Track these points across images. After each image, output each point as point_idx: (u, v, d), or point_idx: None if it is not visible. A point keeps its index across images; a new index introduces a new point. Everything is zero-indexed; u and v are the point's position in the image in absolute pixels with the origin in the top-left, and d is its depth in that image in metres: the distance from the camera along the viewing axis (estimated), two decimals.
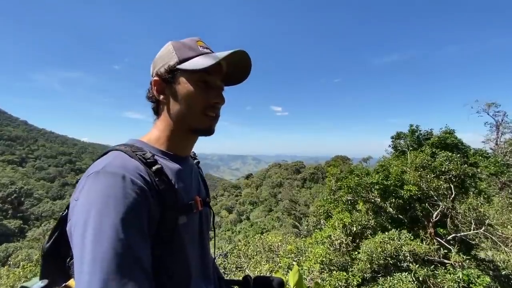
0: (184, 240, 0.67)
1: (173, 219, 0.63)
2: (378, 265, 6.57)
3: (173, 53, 0.71)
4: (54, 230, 0.66)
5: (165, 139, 0.74)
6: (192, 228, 0.73)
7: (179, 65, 0.70)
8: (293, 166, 56.62)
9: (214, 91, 0.72)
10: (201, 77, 0.70)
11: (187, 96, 0.70)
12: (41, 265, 0.67)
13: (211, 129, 0.74)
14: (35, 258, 10.88)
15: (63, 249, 0.63)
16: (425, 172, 8.13)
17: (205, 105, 0.71)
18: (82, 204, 0.52)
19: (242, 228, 37.43)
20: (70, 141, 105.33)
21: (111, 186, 0.53)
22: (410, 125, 11.25)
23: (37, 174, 67.41)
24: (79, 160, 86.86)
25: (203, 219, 0.79)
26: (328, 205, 10.38)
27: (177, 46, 0.73)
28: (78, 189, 0.57)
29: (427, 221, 8.12)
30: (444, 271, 6.20)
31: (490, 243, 7.16)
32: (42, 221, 47.07)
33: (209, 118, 0.72)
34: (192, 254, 0.71)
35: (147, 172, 0.60)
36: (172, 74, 0.71)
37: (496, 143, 14.63)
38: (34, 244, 33.91)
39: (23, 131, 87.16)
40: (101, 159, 0.61)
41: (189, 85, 0.69)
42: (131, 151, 0.63)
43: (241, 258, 8.47)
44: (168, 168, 0.68)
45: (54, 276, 0.63)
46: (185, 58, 0.70)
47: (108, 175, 0.54)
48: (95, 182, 0.54)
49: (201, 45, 0.74)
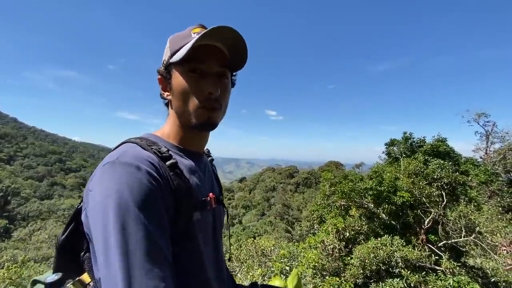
0: (198, 238, 0.65)
1: (187, 215, 0.62)
2: (370, 270, 6.59)
3: (168, 47, 0.70)
4: (70, 223, 0.64)
5: (175, 134, 0.73)
6: (206, 225, 0.70)
7: (171, 59, 0.68)
8: (287, 170, 56.68)
9: (207, 80, 0.66)
10: (190, 67, 0.65)
11: (181, 90, 0.66)
12: (55, 258, 0.66)
13: (209, 122, 0.68)
14: (20, 259, 10.56)
15: (78, 242, 0.61)
16: (417, 179, 8.25)
17: (200, 98, 0.66)
18: (98, 195, 0.51)
19: (234, 232, 37.14)
20: (61, 140, 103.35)
21: (127, 176, 0.51)
22: (403, 132, 11.45)
23: (25, 173, 65.77)
24: (70, 160, 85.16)
25: (216, 217, 0.76)
26: (321, 210, 10.41)
27: (172, 39, 0.70)
28: (93, 179, 0.55)
29: (419, 227, 8.20)
30: (435, 277, 6.26)
31: (480, 250, 7.26)
32: (29, 221, 45.78)
33: (206, 111, 0.67)
34: (207, 254, 0.69)
35: (161, 166, 0.58)
36: (167, 70, 0.69)
37: (486, 153, 14.96)
38: (19, 245, 32.95)
39: (12, 128, 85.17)
40: (116, 150, 0.60)
41: (181, 77, 0.66)
42: (146, 144, 0.62)
43: (233, 262, 8.38)
44: (183, 163, 0.67)
45: (68, 270, 0.61)
46: (176, 50, 0.67)
47: (123, 165, 0.53)
48: (110, 172, 0.53)
49: (196, 32, 0.68)
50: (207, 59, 0.66)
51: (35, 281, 0.64)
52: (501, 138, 14.53)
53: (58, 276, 0.56)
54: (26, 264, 8.27)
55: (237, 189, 58.40)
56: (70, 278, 0.59)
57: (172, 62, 0.67)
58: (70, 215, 0.64)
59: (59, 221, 43.78)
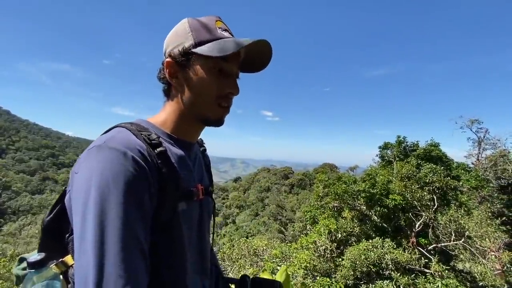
0: (182, 228, 0.64)
1: (172, 204, 0.61)
2: (361, 272, 6.64)
3: (189, 34, 0.65)
4: (56, 204, 0.63)
5: (171, 123, 0.71)
6: (192, 216, 0.69)
7: (195, 49, 0.63)
8: (282, 171, 56.76)
9: (229, 80, 0.67)
10: (217, 64, 0.64)
11: (201, 84, 0.65)
12: (40, 239, 0.65)
13: (221, 120, 0.70)
14: (9, 253, 10.40)
15: (63, 224, 0.61)
16: (410, 183, 8.34)
17: (219, 95, 0.66)
18: (81, 178, 0.51)
19: (227, 232, 37.08)
20: (54, 134, 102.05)
21: (112, 162, 0.51)
22: (397, 136, 11.55)
23: (17, 167, 64.77)
24: (63, 154, 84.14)
25: (203, 208, 0.75)
26: (314, 211, 10.45)
27: (194, 25, 0.66)
28: (79, 162, 0.55)
29: (410, 230, 8.30)
30: (424, 280, 6.33)
31: (469, 254, 7.37)
32: (19, 216, 45.16)
33: (221, 109, 0.68)
34: (190, 246, 0.68)
35: (149, 153, 0.58)
36: (186, 58, 0.65)
37: (478, 159, 15.16)
38: (9, 239, 32.45)
39: (4, 121, 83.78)
40: (105, 134, 0.59)
41: (204, 71, 0.64)
42: (137, 130, 0.61)
43: (225, 261, 8.37)
44: (172, 152, 0.66)
45: (52, 251, 0.60)
46: (202, 41, 0.64)
47: (110, 150, 0.52)
48: (96, 156, 0.52)
49: (219, 26, 0.67)
50: (230, 59, 0.66)
51: (22, 258, 0.65)
52: (493, 145, 14.73)
53: (40, 256, 0.56)
54: (15, 259, 8.15)
55: (232, 188, 58.28)
56: (54, 259, 0.58)
57: (198, 53, 0.63)
58: (57, 197, 0.63)
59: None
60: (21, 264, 0.65)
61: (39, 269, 0.55)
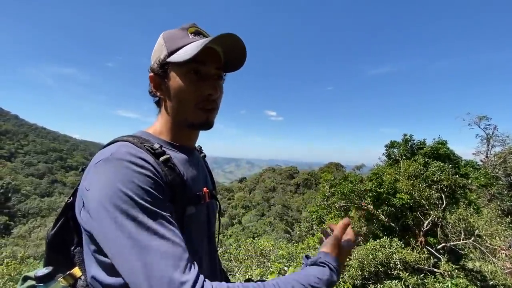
0: (192, 231, 0.66)
1: (181, 209, 0.63)
2: (369, 272, 6.58)
3: (163, 45, 0.68)
4: (59, 218, 0.64)
5: (166, 132, 0.73)
6: (200, 219, 0.72)
7: (168, 58, 0.66)
8: (287, 171, 56.62)
9: (207, 82, 0.68)
10: (192, 68, 0.66)
11: (179, 91, 0.66)
12: (45, 253, 0.66)
13: (208, 122, 0.71)
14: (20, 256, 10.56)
15: (68, 237, 0.62)
16: (417, 181, 8.24)
17: (199, 99, 0.67)
18: (95, 193, 0.52)
19: (234, 232, 37.12)
20: (62, 138, 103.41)
21: (122, 171, 0.52)
22: (403, 134, 11.42)
23: (26, 170, 65.83)
24: (70, 158, 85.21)
25: (210, 211, 0.78)
26: (321, 211, 10.41)
27: (167, 36, 0.69)
28: (88, 177, 0.56)
29: (418, 229, 8.20)
30: (433, 279, 6.25)
31: (479, 253, 7.25)
32: (29, 218, 45.88)
33: (204, 112, 0.69)
34: (200, 247, 0.71)
35: (155, 162, 0.59)
36: (163, 69, 0.68)
37: (487, 156, 14.91)
38: (19, 242, 33.00)
39: (13, 125, 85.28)
40: (108, 148, 0.60)
41: (180, 78, 0.66)
42: (139, 142, 0.62)
43: (232, 262, 8.38)
44: (176, 158, 0.68)
45: (59, 264, 0.62)
46: (174, 50, 0.66)
47: (118, 161, 0.54)
48: (105, 169, 0.53)
49: (192, 32, 0.69)
50: (206, 61, 0.66)
51: (26, 277, 0.64)
52: (502, 142, 14.49)
53: (48, 270, 0.57)
54: (25, 261, 8.30)
55: (237, 189, 58.32)
56: (60, 272, 0.59)
57: (171, 61, 0.66)
58: (60, 210, 0.64)
59: None
60: (25, 283, 0.65)
61: (47, 283, 0.55)
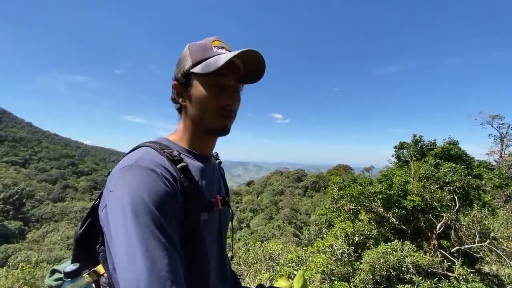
0: (204, 237, 0.70)
1: (195, 215, 0.67)
2: (380, 276, 6.46)
3: (188, 57, 0.74)
4: (87, 218, 0.70)
5: (186, 139, 0.78)
6: (213, 226, 0.75)
7: (192, 69, 0.72)
8: (295, 174, 56.34)
9: (226, 92, 0.73)
10: (214, 80, 0.71)
11: (201, 100, 0.72)
12: (73, 250, 0.72)
13: (225, 129, 0.76)
14: (34, 260, 10.81)
15: (94, 236, 0.67)
16: (428, 183, 8.07)
17: (218, 108, 0.73)
18: (118, 195, 0.56)
19: (242, 236, 37.05)
20: (73, 144, 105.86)
21: (145, 179, 0.57)
22: (413, 135, 11.23)
23: (39, 176, 67.54)
24: (82, 163, 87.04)
25: (222, 218, 0.82)
26: (330, 214, 10.30)
27: (193, 48, 0.74)
28: (112, 180, 0.60)
29: (430, 232, 8.01)
30: (447, 284, 6.08)
31: (495, 256, 7.03)
32: (42, 223, 46.90)
33: (223, 119, 0.74)
34: (212, 253, 0.74)
35: (173, 168, 0.64)
36: (187, 78, 0.73)
37: (501, 156, 14.52)
38: (33, 246, 33.76)
39: (27, 132, 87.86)
40: (133, 153, 0.66)
41: (202, 88, 0.71)
42: (160, 148, 0.67)
43: (241, 266, 8.36)
44: (193, 166, 0.72)
45: (85, 261, 0.66)
46: (198, 61, 0.72)
47: (141, 168, 0.59)
48: (130, 174, 0.58)
49: (216, 45, 0.75)
50: (227, 73, 0.72)
51: (54, 270, 0.71)
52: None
53: (76, 266, 0.62)
54: (39, 265, 8.50)
55: (245, 192, 58.33)
56: (86, 268, 0.64)
57: (194, 72, 0.71)
58: (88, 211, 0.70)
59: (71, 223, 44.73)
60: (53, 276, 0.71)
61: (74, 279, 0.60)
